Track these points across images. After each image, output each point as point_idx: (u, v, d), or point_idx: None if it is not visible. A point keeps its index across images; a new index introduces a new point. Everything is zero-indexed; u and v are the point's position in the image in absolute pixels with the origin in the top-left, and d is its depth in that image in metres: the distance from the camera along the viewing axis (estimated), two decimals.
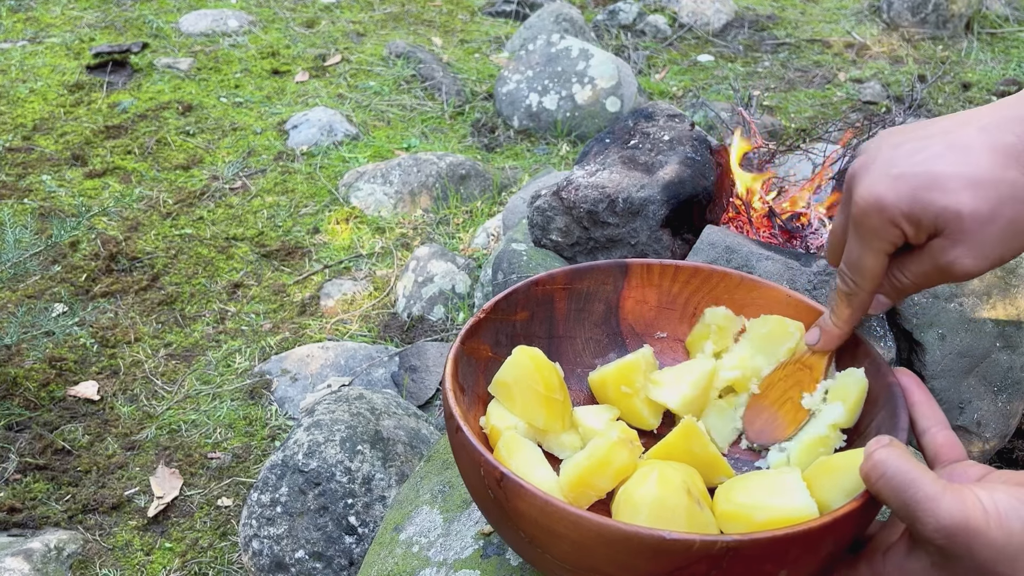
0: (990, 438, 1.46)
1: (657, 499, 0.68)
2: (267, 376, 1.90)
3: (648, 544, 0.59)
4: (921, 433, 0.70)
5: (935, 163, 0.63)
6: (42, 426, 1.76)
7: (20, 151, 2.65)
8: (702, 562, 0.59)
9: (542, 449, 0.82)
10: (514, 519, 0.66)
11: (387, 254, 2.29)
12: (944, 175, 0.62)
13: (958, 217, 0.62)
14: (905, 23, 3.59)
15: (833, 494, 0.66)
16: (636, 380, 0.85)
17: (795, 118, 2.96)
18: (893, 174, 0.64)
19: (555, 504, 0.61)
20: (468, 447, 0.69)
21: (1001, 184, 0.61)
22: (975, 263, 0.64)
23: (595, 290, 0.92)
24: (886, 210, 0.64)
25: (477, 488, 0.70)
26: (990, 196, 0.61)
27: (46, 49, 3.24)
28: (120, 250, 2.25)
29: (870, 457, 0.61)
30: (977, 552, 0.55)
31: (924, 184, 0.63)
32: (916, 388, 0.72)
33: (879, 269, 0.68)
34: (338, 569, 1.37)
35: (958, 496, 0.56)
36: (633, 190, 1.50)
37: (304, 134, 2.79)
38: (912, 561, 0.61)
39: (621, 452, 0.74)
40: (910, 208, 0.63)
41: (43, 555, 1.46)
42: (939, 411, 0.71)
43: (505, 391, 0.82)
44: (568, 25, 3.36)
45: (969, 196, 0.61)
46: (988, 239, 0.62)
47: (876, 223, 0.65)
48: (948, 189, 0.62)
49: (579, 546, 0.62)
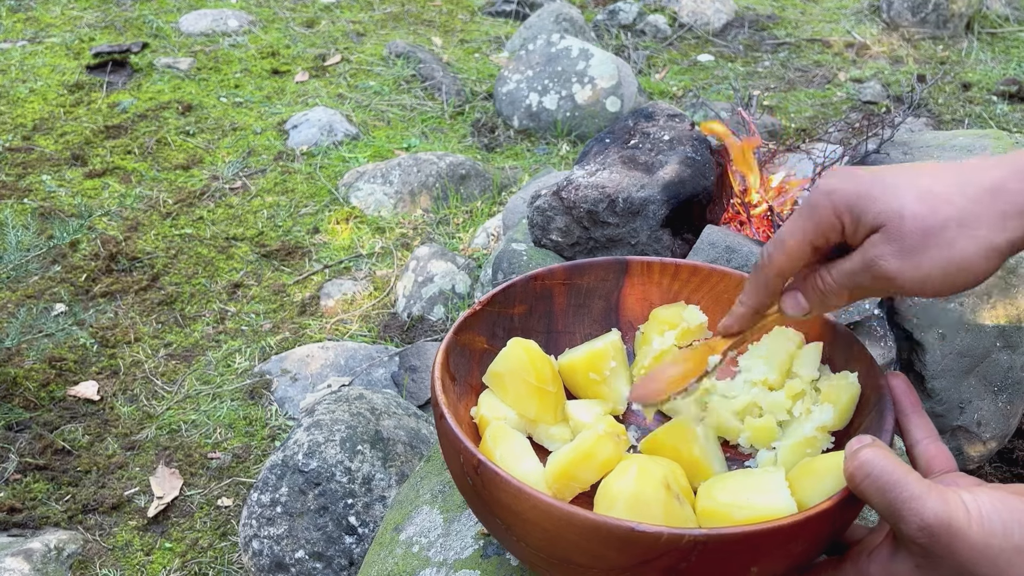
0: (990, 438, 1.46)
1: (634, 492, 0.68)
2: (267, 376, 1.90)
3: (616, 534, 0.59)
4: (913, 444, 0.70)
5: (896, 175, 0.63)
6: (42, 426, 1.75)
7: (20, 151, 2.65)
8: (670, 555, 0.60)
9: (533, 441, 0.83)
10: (491, 506, 0.66)
11: (387, 254, 2.29)
12: (900, 183, 0.62)
13: (901, 216, 0.61)
14: (905, 23, 3.58)
15: (814, 495, 0.67)
16: (604, 367, 0.85)
17: (795, 118, 2.96)
18: (855, 176, 0.64)
19: (528, 492, 0.62)
20: (450, 434, 0.70)
21: (951, 204, 0.60)
22: (901, 268, 0.61)
23: (595, 286, 0.92)
24: (833, 195, 0.63)
25: (458, 475, 0.71)
26: (940, 210, 0.60)
27: (46, 49, 3.24)
28: (120, 250, 2.25)
29: (855, 457, 0.61)
30: (958, 552, 0.56)
31: (877, 184, 0.63)
32: (908, 397, 0.72)
33: (798, 251, 0.66)
34: (338, 569, 1.37)
35: (942, 496, 0.56)
36: (633, 190, 1.50)
37: (304, 134, 2.79)
38: (897, 563, 0.61)
39: (606, 445, 0.75)
40: (856, 201, 0.62)
41: (43, 555, 1.46)
42: (930, 422, 0.71)
43: (498, 381, 0.83)
44: (568, 25, 3.36)
45: (918, 203, 0.61)
46: (923, 251, 0.60)
47: (819, 205, 0.64)
48: (899, 193, 0.61)
49: (551, 535, 0.62)
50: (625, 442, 0.79)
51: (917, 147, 1.54)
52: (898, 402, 0.72)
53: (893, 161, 1.51)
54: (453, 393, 0.79)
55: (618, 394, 0.88)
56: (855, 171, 0.65)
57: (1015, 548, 0.55)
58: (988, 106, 3.02)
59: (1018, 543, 0.55)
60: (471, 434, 0.78)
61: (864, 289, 0.65)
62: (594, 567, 0.63)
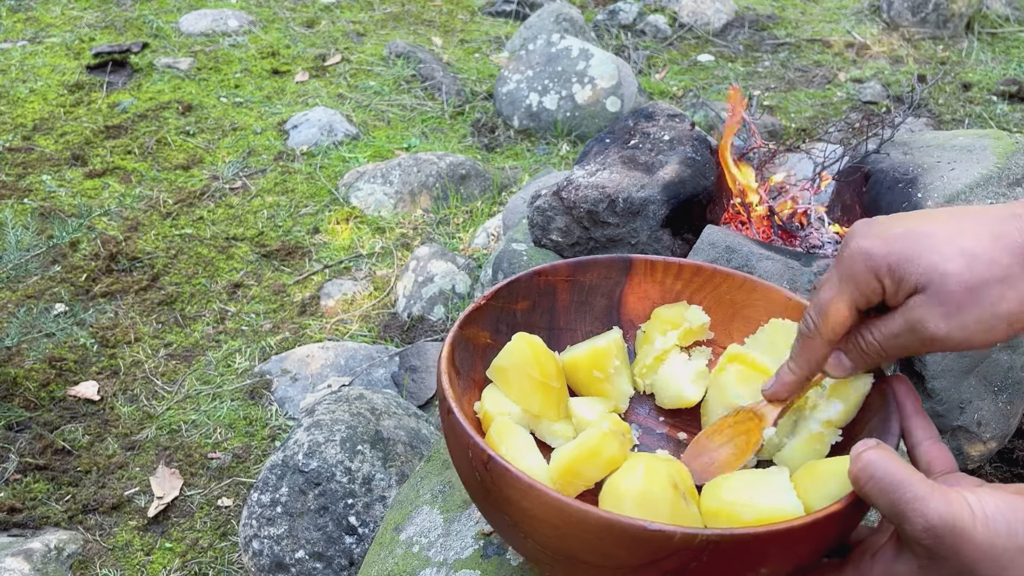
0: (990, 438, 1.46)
1: (642, 491, 0.68)
2: (267, 376, 1.90)
3: (629, 533, 0.59)
4: (914, 446, 0.70)
5: (933, 228, 0.63)
6: (42, 426, 1.75)
7: (20, 151, 2.65)
8: (682, 554, 0.59)
9: (535, 437, 0.83)
10: (499, 502, 0.66)
11: (387, 254, 2.29)
12: (940, 239, 0.62)
13: (944, 277, 0.61)
14: (905, 23, 3.58)
15: (818, 498, 0.67)
16: (608, 365, 0.86)
17: (795, 118, 2.96)
18: (889, 232, 0.64)
19: (539, 489, 0.62)
20: (458, 429, 0.69)
21: (995, 265, 0.61)
22: (947, 329, 0.62)
23: (598, 283, 0.92)
24: (872, 259, 0.63)
25: (465, 470, 0.71)
26: (982, 270, 0.61)
27: (46, 49, 3.24)
28: (120, 250, 2.25)
29: (859, 459, 0.61)
30: (963, 553, 0.56)
31: (917, 242, 0.62)
32: (910, 399, 0.72)
33: (843, 317, 0.67)
34: (338, 569, 1.37)
35: (946, 497, 0.57)
36: (633, 190, 1.50)
37: (304, 134, 2.79)
38: (900, 564, 0.61)
39: (611, 443, 0.75)
40: (897, 262, 0.62)
41: (43, 555, 1.46)
42: (931, 424, 0.71)
43: (502, 376, 0.83)
44: (568, 25, 3.36)
45: (961, 263, 0.61)
46: (967, 310, 0.61)
47: (858, 271, 0.64)
48: (941, 251, 0.61)
49: (561, 532, 0.62)
50: (629, 441, 0.79)
51: (917, 147, 1.54)
52: (900, 404, 0.72)
53: (893, 160, 1.51)
54: (458, 388, 0.79)
55: (620, 392, 0.88)
56: (887, 228, 0.64)
57: (1019, 549, 0.55)
58: (988, 106, 3.02)
59: (1022, 544, 0.55)
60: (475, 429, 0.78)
61: (907, 348, 0.66)
62: (601, 565, 0.63)
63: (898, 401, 0.72)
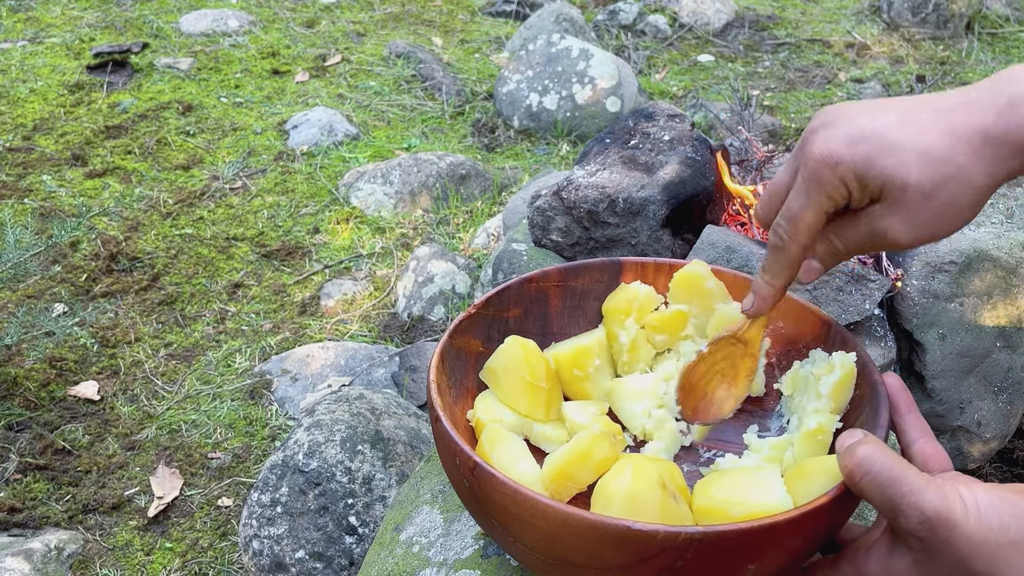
0: (990, 438, 1.46)
1: (630, 491, 0.69)
2: (267, 376, 1.90)
3: (613, 533, 0.60)
4: (908, 444, 0.70)
5: (892, 131, 0.65)
6: (42, 426, 1.76)
7: (20, 151, 2.65)
8: (667, 553, 0.60)
9: (530, 444, 0.83)
10: (487, 508, 0.67)
11: (387, 254, 2.29)
12: (899, 144, 0.64)
13: (903, 187, 0.63)
14: (905, 23, 3.58)
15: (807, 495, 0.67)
16: (588, 364, 0.86)
17: (795, 118, 2.96)
18: (851, 135, 0.65)
19: (524, 493, 0.62)
20: (446, 437, 0.70)
21: (948, 164, 0.63)
22: (907, 234, 0.65)
23: (589, 288, 0.92)
24: (839, 166, 0.65)
25: (454, 477, 0.72)
26: (936, 173, 0.63)
27: (46, 49, 3.24)
28: (120, 250, 2.25)
29: (853, 454, 0.61)
30: (956, 546, 0.56)
31: (879, 148, 0.64)
32: (902, 396, 0.73)
33: (816, 225, 0.68)
34: (338, 569, 1.37)
35: (940, 490, 0.57)
36: (633, 190, 1.50)
37: (304, 134, 2.79)
38: (895, 558, 0.61)
39: (602, 445, 0.75)
40: (864, 169, 0.64)
41: (43, 555, 1.46)
42: (924, 422, 0.72)
43: (493, 377, 0.84)
44: (568, 25, 3.36)
45: (918, 169, 0.63)
46: (924, 214, 0.64)
47: (827, 178, 0.66)
48: (901, 158, 0.63)
49: (548, 535, 0.63)
50: (621, 442, 0.79)
51: None
52: (893, 401, 0.72)
53: None
54: (449, 396, 0.79)
55: (601, 390, 0.88)
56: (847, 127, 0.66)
57: (1011, 543, 0.55)
58: None
59: (1014, 538, 0.55)
60: (467, 437, 0.78)
61: (871, 249, 0.70)
62: (591, 567, 0.63)
63: (890, 398, 0.73)
